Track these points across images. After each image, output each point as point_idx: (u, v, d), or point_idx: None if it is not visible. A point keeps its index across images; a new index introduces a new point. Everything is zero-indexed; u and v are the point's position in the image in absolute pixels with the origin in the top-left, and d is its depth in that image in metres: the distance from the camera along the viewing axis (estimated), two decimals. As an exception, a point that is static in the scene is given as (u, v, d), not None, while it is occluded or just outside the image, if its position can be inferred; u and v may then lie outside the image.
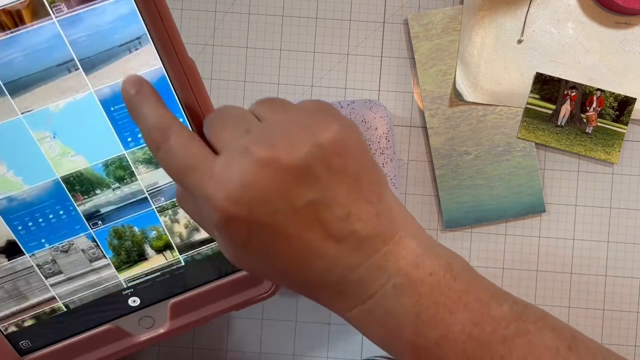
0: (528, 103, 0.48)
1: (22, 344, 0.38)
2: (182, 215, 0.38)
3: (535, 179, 0.48)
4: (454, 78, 0.47)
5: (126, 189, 0.36)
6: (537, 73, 0.47)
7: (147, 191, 0.37)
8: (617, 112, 0.47)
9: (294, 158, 0.25)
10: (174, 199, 0.37)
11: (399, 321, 0.27)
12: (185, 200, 0.30)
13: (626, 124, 0.47)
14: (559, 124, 0.48)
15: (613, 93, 0.47)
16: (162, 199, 0.37)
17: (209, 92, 0.48)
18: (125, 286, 0.39)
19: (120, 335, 0.39)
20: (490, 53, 0.47)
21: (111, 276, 0.38)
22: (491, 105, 0.48)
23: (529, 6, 0.47)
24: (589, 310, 0.48)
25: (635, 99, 0.47)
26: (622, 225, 0.48)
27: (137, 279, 0.39)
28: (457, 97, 0.48)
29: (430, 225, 0.48)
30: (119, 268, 0.38)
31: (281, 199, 0.26)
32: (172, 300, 0.39)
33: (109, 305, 0.39)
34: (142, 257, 0.38)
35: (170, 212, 0.38)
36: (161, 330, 0.39)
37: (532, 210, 0.48)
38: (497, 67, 0.47)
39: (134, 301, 0.39)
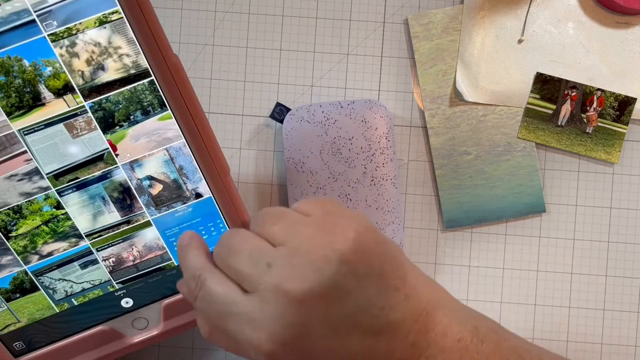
0: (528, 103, 0.47)
1: (15, 345, 0.38)
2: (82, 48, 0.33)
3: (535, 179, 0.48)
4: (454, 78, 0.47)
5: (7, 7, 0.31)
6: (537, 73, 0.47)
7: (35, 11, 0.32)
8: (617, 112, 0.47)
9: (324, 284, 0.26)
10: (69, 25, 0.32)
11: None
12: (218, 339, 0.30)
13: (626, 124, 0.47)
14: (559, 124, 0.47)
15: (613, 93, 0.47)
16: (55, 23, 0.32)
17: (209, 93, 0.48)
18: (117, 287, 0.38)
19: (114, 337, 0.39)
20: (490, 53, 0.47)
21: (5, 127, 0.33)
22: (491, 105, 0.48)
23: (530, 6, 0.47)
24: (589, 310, 0.48)
25: (635, 99, 0.47)
26: (623, 226, 0.48)
27: (129, 280, 0.38)
28: (457, 97, 0.47)
29: (431, 225, 0.48)
30: (10, 115, 0.33)
31: (321, 325, 0.27)
32: (166, 301, 0.39)
33: (102, 306, 0.39)
34: (37, 101, 0.33)
35: (66, 42, 0.32)
36: (155, 332, 0.39)
37: (532, 210, 0.48)
38: (498, 67, 0.47)
39: (126, 302, 0.39)
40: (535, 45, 0.47)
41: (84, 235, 0.37)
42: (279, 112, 0.46)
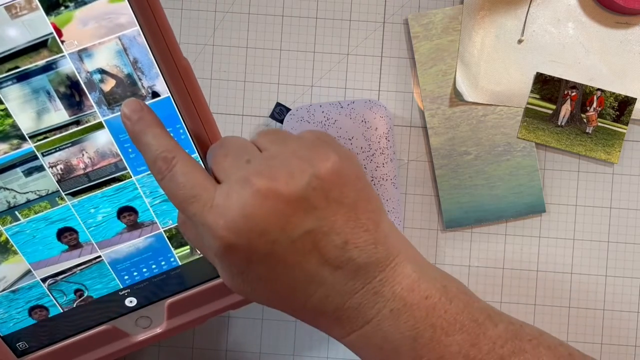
0: (528, 103, 0.47)
1: (19, 345, 0.38)
2: None
3: (535, 179, 0.48)
4: (454, 78, 0.47)
5: None
6: (537, 73, 0.47)
7: None
8: (617, 112, 0.47)
9: (292, 189, 0.26)
10: None
11: (396, 345, 0.28)
12: (187, 229, 0.30)
13: (626, 124, 0.47)
14: (559, 124, 0.47)
15: (613, 93, 0.47)
16: None
17: (208, 92, 0.48)
18: (121, 286, 0.38)
19: (118, 336, 0.38)
20: (490, 53, 0.47)
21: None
22: (491, 105, 0.48)
23: (529, 6, 0.47)
24: (589, 310, 0.48)
25: (635, 99, 0.47)
26: (623, 226, 0.48)
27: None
28: (457, 97, 0.47)
29: (431, 225, 0.48)
30: None
31: (280, 230, 0.26)
32: (169, 300, 0.39)
33: (105, 305, 0.38)
34: None
35: None
36: (158, 330, 0.39)
37: (532, 210, 0.48)
38: (498, 67, 0.47)
39: (130, 301, 0.39)
40: (535, 45, 0.47)
41: (27, 137, 0.33)
42: (279, 112, 0.46)
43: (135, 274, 0.38)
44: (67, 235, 0.36)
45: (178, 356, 0.48)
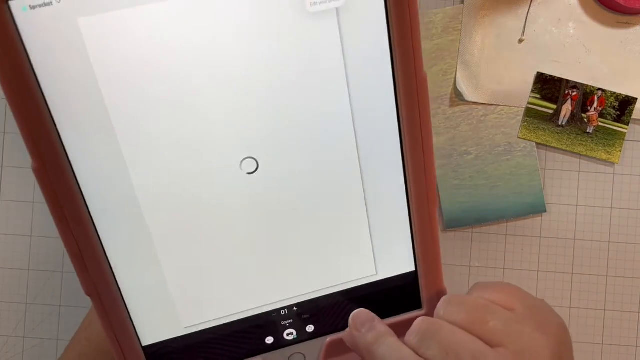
0: (529, 103, 0.47)
1: None
2: None
3: (536, 179, 0.48)
4: (455, 78, 0.47)
5: None
6: (538, 73, 0.47)
7: None
8: (618, 112, 0.47)
9: None
10: None
11: None
12: None
13: (627, 124, 0.47)
14: (559, 123, 0.47)
15: (614, 93, 0.47)
16: None
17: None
18: (284, 314, 0.33)
19: None
20: (491, 53, 0.47)
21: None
22: (492, 105, 0.48)
23: (530, 6, 0.47)
24: (589, 310, 0.48)
25: (636, 99, 0.47)
26: (623, 226, 0.48)
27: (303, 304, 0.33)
28: (457, 97, 0.47)
29: (431, 225, 0.48)
30: None
31: None
32: (330, 338, 0.33)
33: (261, 335, 0.33)
34: None
35: None
36: None
37: (532, 210, 0.48)
38: (498, 67, 0.47)
39: (289, 334, 0.33)
40: (535, 45, 0.47)
41: None
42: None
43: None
44: None
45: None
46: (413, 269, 0.33)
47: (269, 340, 0.33)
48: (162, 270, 0.31)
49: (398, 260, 0.33)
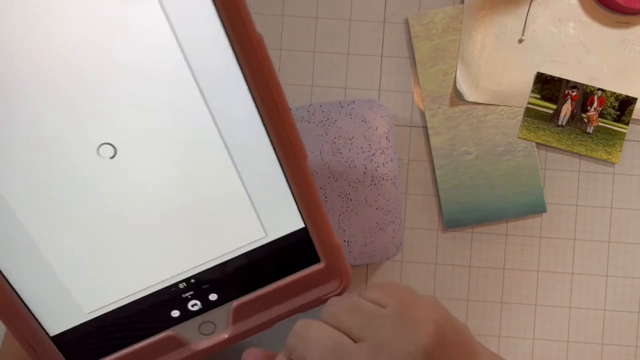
0: (529, 103, 0.47)
1: (74, 356, 0.34)
2: None
3: (536, 179, 0.48)
4: (455, 78, 0.47)
5: None
6: (537, 73, 0.47)
7: None
8: (618, 112, 0.47)
9: None
10: None
11: None
12: None
13: (627, 124, 0.47)
14: (559, 123, 0.47)
15: (614, 93, 0.47)
16: None
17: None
18: (183, 287, 0.34)
19: (179, 344, 0.34)
20: (491, 52, 0.47)
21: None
22: (492, 105, 0.48)
23: (530, 5, 0.47)
24: (589, 310, 0.48)
25: (636, 99, 0.47)
26: (624, 225, 0.48)
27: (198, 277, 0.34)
28: (457, 97, 0.47)
29: (431, 225, 0.48)
30: None
31: None
32: (236, 303, 0.35)
33: (166, 310, 0.34)
34: None
35: None
36: (224, 336, 0.35)
37: (533, 210, 0.48)
38: (498, 67, 0.47)
39: (193, 305, 0.35)
40: (535, 45, 0.47)
41: None
42: (279, 112, 0.46)
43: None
44: None
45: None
46: (302, 225, 0.34)
47: (175, 313, 0.34)
48: (48, 263, 0.32)
49: (285, 219, 0.34)
